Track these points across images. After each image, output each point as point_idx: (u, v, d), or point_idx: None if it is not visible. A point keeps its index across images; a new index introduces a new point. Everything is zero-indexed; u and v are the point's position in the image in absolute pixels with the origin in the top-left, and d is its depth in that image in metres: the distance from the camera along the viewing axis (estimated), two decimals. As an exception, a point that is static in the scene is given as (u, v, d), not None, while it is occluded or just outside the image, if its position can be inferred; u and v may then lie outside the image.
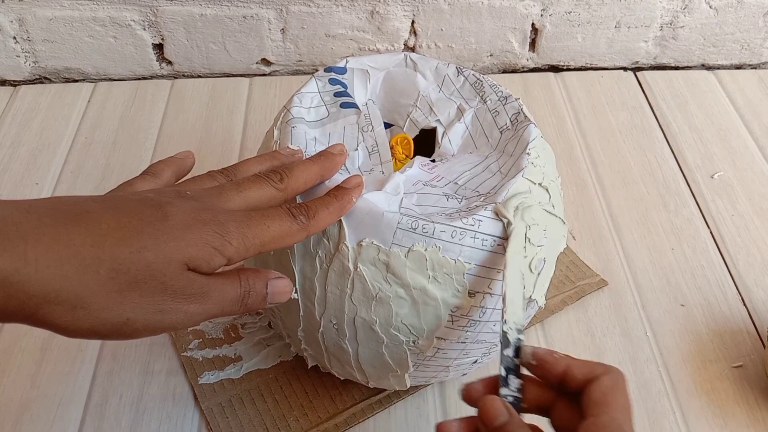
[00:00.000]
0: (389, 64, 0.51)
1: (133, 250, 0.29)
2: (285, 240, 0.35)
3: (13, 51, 0.76)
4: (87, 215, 0.30)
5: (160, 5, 0.74)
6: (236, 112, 0.75)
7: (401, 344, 0.41)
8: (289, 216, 0.35)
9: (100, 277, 0.29)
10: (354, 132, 0.45)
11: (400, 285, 0.39)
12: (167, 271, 0.30)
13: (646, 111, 0.76)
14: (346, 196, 0.38)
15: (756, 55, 0.83)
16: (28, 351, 0.53)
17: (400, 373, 0.44)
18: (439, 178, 0.43)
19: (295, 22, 0.76)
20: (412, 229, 0.38)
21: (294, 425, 0.48)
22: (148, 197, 0.33)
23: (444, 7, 0.76)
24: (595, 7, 0.77)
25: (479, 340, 0.42)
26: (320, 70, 0.49)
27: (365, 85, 0.50)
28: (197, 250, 0.31)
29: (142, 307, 0.30)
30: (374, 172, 0.44)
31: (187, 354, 0.52)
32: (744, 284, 0.59)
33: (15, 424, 0.48)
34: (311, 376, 0.51)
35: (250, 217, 0.34)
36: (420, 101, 0.49)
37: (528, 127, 0.45)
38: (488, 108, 0.48)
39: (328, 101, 0.47)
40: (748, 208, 0.65)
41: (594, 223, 0.63)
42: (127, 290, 0.29)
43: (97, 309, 0.29)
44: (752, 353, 0.54)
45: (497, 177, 0.43)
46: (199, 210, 0.32)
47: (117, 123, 0.73)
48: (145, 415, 0.49)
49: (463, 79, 0.50)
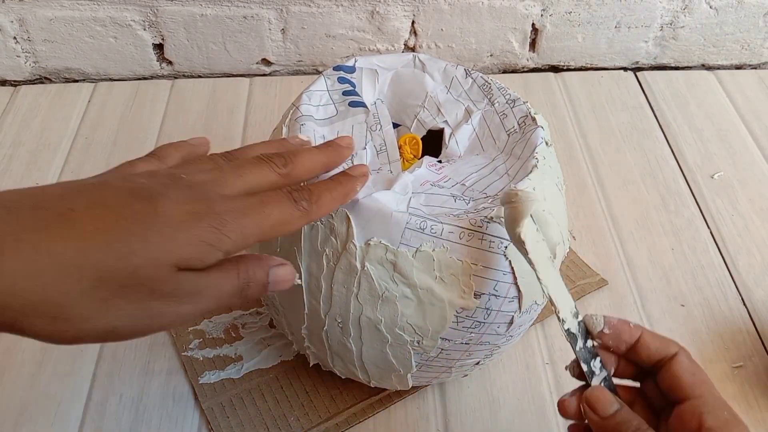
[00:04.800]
0: (398, 64, 0.51)
1: (119, 255, 0.27)
2: (285, 227, 0.33)
3: (13, 51, 0.76)
4: (70, 215, 0.28)
5: (160, 5, 0.74)
6: (236, 112, 0.75)
7: (405, 344, 0.41)
8: (290, 200, 0.33)
9: (82, 287, 0.27)
10: (362, 131, 0.45)
11: (406, 285, 0.39)
12: (156, 276, 0.28)
13: (646, 111, 0.76)
14: (350, 183, 0.37)
15: (756, 55, 0.83)
16: (28, 351, 0.53)
17: (402, 373, 0.44)
18: (446, 178, 0.43)
19: (296, 22, 0.76)
20: (421, 229, 0.38)
21: (294, 424, 0.48)
22: (138, 185, 0.30)
23: (444, 7, 0.76)
24: (595, 7, 0.77)
25: (483, 341, 0.42)
26: (329, 69, 0.49)
27: (374, 84, 0.50)
28: (191, 250, 0.29)
29: (128, 314, 0.28)
30: (382, 171, 0.44)
31: (187, 354, 0.52)
32: (744, 284, 0.59)
33: (15, 424, 0.48)
34: (312, 376, 0.51)
35: (249, 204, 0.32)
36: (428, 102, 0.49)
37: (536, 130, 0.45)
38: (496, 110, 0.48)
39: (337, 100, 0.47)
40: (748, 208, 0.65)
41: (594, 223, 0.63)
42: (112, 298, 0.27)
43: (79, 320, 0.27)
44: (752, 353, 0.54)
45: (505, 179, 0.43)
46: (194, 200, 0.30)
47: (117, 123, 0.73)
48: (145, 415, 0.49)
49: (471, 81, 0.50)
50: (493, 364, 0.52)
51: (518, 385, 0.51)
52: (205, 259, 0.30)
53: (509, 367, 0.52)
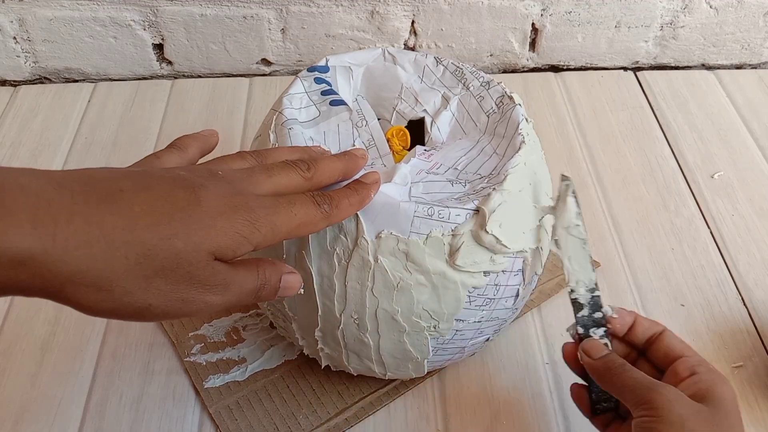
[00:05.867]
0: (368, 59, 0.52)
1: (163, 236, 0.29)
2: (308, 228, 0.35)
3: (13, 51, 0.76)
4: (120, 195, 0.29)
5: (160, 5, 0.74)
6: (236, 112, 0.75)
7: (422, 331, 0.42)
8: (314, 203, 0.35)
9: (128, 262, 0.28)
10: (348, 128, 0.46)
11: (420, 272, 0.40)
12: (195, 261, 0.30)
13: (646, 111, 0.76)
14: (364, 191, 0.38)
15: (756, 55, 0.83)
16: (28, 351, 0.53)
17: (420, 359, 0.45)
18: (438, 165, 0.45)
19: (295, 22, 0.76)
20: (429, 215, 0.39)
21: (304, 422, 0.48)
22: (180, 176, 0.32)
23: (444, 7, 0.76)
24: (595, 7, 0.77)
25: (493, 317, 0.44)
26: (303, 71, 0.50)
27: (349, 81, 0.50)
28: (227, 239, 0.31)
29: (165, 295, 0.30)
30: (375, 165, 0.45)
31: (190, 359, 0.52)
32: (744, 284, 0.59)
33: (15, 424, 0.48)
34: (317, 373, 0.51)
35: (278, 203, 0.34)
36: (404, 93, 0.50)
37: (515, 108, 0.46)
38: (472, 94, 0.49)
39: (317, 100, 0.47)
40: (748, 208, 0.65)
41: (594, 223, 0.63)
42: (153, 277, 0.29)
43: (121, 293, 0.29)
44: (752, 353, 0.54)
45: (495, 158, 0.44)
46: (232, 194, 0.32)
47: (117, 123, 0.73)
48: (145, 415, 0.49)
49: (443, 68, 0.51)
50: (494, 365, 0.52)
51: (518, 385, 0.51)
52: (237, 250, 0.32)
53: (509, 367, 0.52)
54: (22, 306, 0.56)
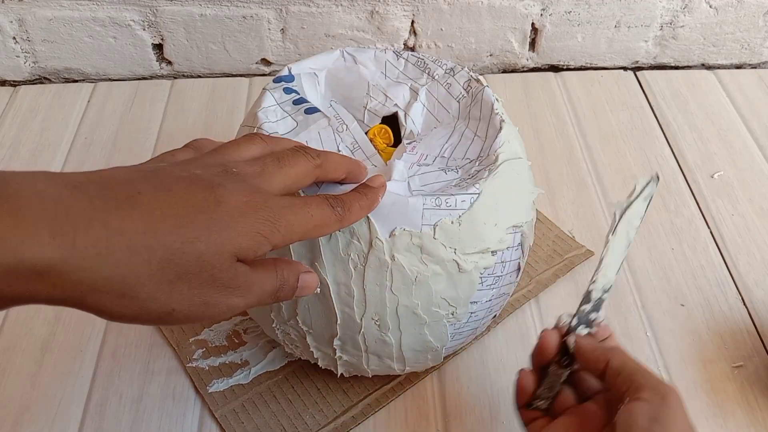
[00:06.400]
0: (328, 62, 0.52)
1: (185, 240, 0.28)
2: (322, 230, 0.35)
3: (13, 51, 0.76)
4: (139, 198, 0.28)
5: (159, 5, 0.74)
6: (236, 112, 0.75)
7: (441, 319, 0.43)
8: (329, 205, 0.35)
9: (150, 267, 0.28)
10: (329, 135, 0.45)
11: (435, 262, 0.41)
12: (217, 263, 0.29)
13: (646, 111, 0.76)
14: (373, 194, 0.39)
15: (756, 55, 0.83)
16: (28, 351, 0.53)
17: (439, 348, 0.45)
18: (424, 156, 0.45)
19: (295, 22, 0.76)
20: (437, 206, 0.40)
21: (311, 422, 0.48)
22: (197, 176, 0.31)
23: (444, 7, 0.76)
24: (595, 6, 0.77)
25: (501, 294, 0.46)
26: (269, 82, 0.49)
27: (315, 87, 0.50)
28: (248, 240, 0.30)
29: (188, 299, 0.29)
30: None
31: (192, 365, 0.52)
32: (744, 284, 0.59)
33: (15, 424, 0.48)
34: (321, 372, 0.51)
35: (295, 203, 0.33)
36: (372, 90, 0.50)
37: (484, 90, 0.47)
38: (439, 82, 0.49)
39: (291, 111, 0.47)
40: (748, 208, 0.65)
41: (594, 223, 0.63)
42: (177, 281, 0.28)
43: (144, 299, 0.28)
44: (752, 353, 0.54)
45: (478, 141, 0.45)
46: (250, 193, 0.31)
47: (117, 123, 0.73)
48: (145, 415, 0.49)
49: (404, 61, 0.51)
50: (494, 365, 0.52)
51: (518, 385, 0.51)
52: (257, 250, 0.31)
53: (509, 368, 0.52)
54: (22, 306, 0.55)
